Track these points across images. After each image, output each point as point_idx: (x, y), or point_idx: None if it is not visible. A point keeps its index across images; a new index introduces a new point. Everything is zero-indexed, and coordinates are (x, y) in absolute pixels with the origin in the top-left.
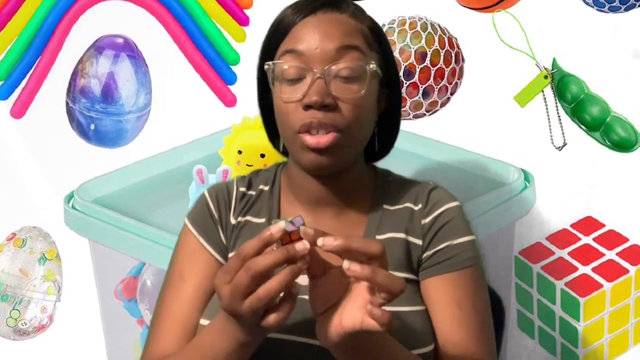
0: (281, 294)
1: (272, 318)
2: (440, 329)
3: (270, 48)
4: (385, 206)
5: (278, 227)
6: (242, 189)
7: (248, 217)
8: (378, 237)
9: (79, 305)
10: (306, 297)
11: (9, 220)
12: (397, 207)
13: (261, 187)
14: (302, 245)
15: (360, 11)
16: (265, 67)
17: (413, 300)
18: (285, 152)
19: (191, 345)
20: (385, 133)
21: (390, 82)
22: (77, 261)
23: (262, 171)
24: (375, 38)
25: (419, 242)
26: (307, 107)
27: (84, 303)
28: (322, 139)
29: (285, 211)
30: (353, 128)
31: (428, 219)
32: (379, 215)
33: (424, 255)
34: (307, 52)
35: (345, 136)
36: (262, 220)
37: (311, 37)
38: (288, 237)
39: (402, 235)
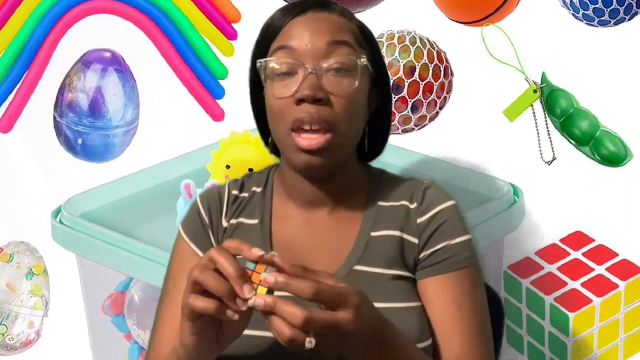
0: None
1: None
2: (439, 328)
3: (262, 47)
4: (381, 203)
5: (257, 252)
6: (235, 192)
7: (241, 219)
8: (373, 234)
9: (66, 321)
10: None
11: None
12: (392, 203)
13: (254, 188)
14: (241, 303)
15: (349, 12)
16: (258, 64)
17: (407, 296)
18: (275, 152)
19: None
20: (377, 132)
21: (380, 82)
22: (65, 276)
23: (255, 173)
24: (364, 38)
25: (415, 240)
26: (300, 101)
27: (72, 318)
28: (314, 141)
29: (278, 211)
30: (344, 124)
31: (424, 218)
32: (374, 212)
33: (421, 255)
34: (299, 48)
35: (337, 135)
36: (255, 221)
37: (302, 33)
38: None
39: (397, 232)
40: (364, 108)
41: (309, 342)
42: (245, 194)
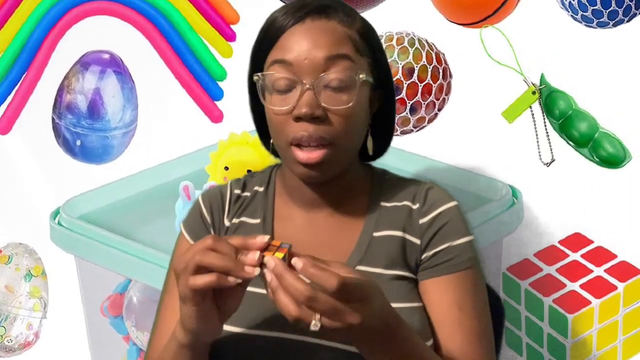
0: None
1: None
2: (441, 330)
3: (259, 56)
4: (383, 203)
5: (263, 239)
6: (237, 192)
7: (243, 218)
8: (375, 234)
9: (65, 322)
10: None
11: None
12: (394, 204)
13: (256, 188)
14: (251, 270)
15: (350, 15)
16: (255, 78)
17: (409, 297)
18: (277, 155)
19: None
20: (380, 133)
21: (382, 83)
22: (63, 278)
23: (257, 173)
24: (365, 42)
25: (417, 241)
26: (298, 118)
27: (70, 320)
28: (313, 155)
29: (280, 211)
30: (343, 139)
31: (426, 219)
32: (377, 213)
33: (423, 255)
34: (296, 62)
35: (336, 149)
36: (257, 220)
37: (300, 46)
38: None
39: (399, 233)
40: (363, 119)
41: (314, 325)
42: (247, 194)
